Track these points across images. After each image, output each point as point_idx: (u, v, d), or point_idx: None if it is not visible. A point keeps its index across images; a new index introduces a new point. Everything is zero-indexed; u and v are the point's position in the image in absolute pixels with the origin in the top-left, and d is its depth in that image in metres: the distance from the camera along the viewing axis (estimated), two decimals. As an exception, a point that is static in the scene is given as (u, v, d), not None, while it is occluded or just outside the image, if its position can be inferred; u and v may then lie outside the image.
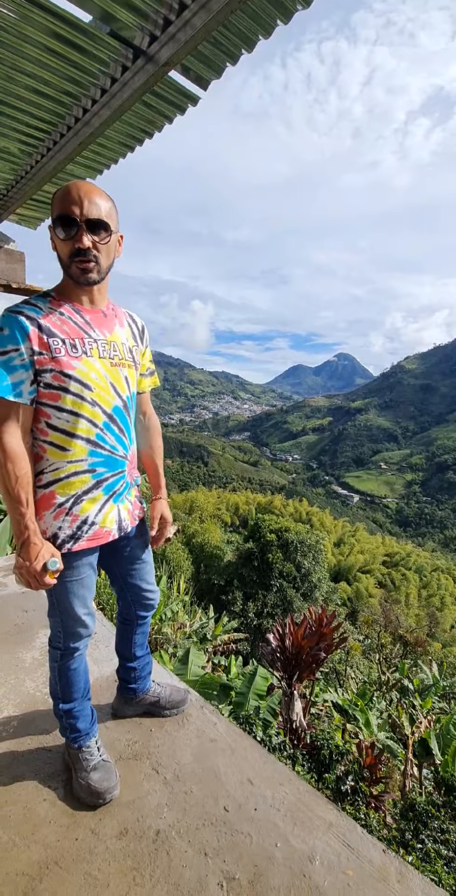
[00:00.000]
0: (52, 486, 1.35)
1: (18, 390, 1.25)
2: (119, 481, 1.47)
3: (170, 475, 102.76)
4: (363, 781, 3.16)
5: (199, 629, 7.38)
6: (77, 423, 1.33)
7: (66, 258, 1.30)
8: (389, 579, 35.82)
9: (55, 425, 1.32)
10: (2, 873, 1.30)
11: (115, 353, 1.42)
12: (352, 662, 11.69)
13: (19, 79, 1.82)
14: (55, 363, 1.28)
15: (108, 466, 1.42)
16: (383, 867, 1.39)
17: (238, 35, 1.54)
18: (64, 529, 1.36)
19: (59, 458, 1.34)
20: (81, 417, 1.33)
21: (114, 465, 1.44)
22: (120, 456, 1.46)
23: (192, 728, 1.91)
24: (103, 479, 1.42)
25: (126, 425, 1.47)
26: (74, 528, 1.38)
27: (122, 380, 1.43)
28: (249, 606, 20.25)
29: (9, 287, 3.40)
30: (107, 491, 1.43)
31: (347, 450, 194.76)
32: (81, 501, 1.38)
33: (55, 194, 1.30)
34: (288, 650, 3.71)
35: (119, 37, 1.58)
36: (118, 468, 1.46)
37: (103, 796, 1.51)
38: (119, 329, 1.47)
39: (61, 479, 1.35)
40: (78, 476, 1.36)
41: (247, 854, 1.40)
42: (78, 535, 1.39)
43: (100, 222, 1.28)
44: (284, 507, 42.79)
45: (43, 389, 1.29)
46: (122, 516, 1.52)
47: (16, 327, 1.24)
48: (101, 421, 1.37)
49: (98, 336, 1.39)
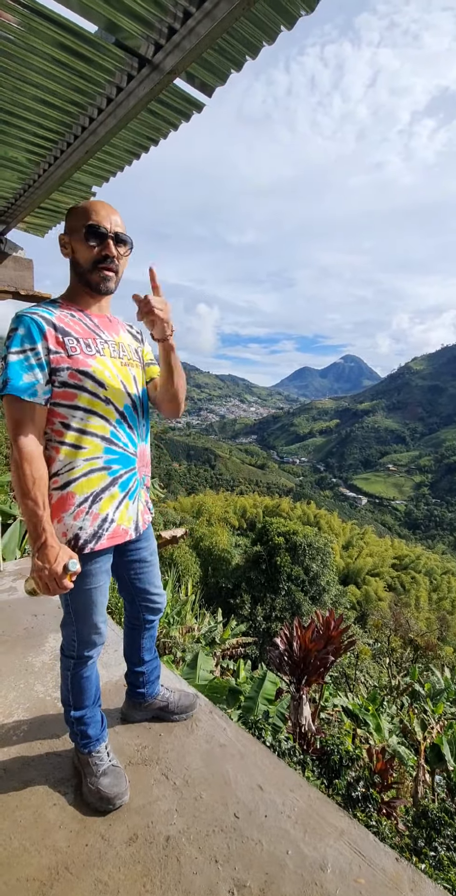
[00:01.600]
0: (70, 486, 1.34)
1: (34, 390, 1.26)
2: (132, 478, 1.49)
3: (177, 478, 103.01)
4: (374, 787, 3.12)
5: (207, 633, 7.36)
6: (92, 420, 1.34)
7: (89, 264, 1.37)
8: (399, 582, 35.46)
9: (70, 424, 1.32)
10: (12, 878, 1.30)
11: (123, 354, 1.47)
12: (362, 666, 11.58)
13: (26, 90, 1.85)
14: (72, 361, 1.30)
15: (123, 463, 1.44)
16: (396, 876, 1.37)
17: (242, 42, 1.55)
18: (85, 529, 1.36)
19: (74, 456, 1.34)
20: (96, 415, 1.35)
21: (127, 462, 1.46)
22: (131, 453, 1.48)
23: (201, 733, 1.90)
24: (119, 476, 1.43)
25: (135, 423, 1.49)
26: (95, 526, 1.38)
27: (132, 379, 1.47)
28: (257, 610, 20.16)
29: (17, 294, 3.44)
30: (122, 488, 1.44)
31: (354, 452, 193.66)
32: (100, 500, 1.38)
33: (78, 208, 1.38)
34: (295, 654, 3.69)
35: (124, 46, 1.60)
36: (131, 465, 1.48)
37: (113, 802, 1.51)
38: (123, 333, 1.54)
39: (78, 477, 1.34)
40: (95, 473, 1.37)
41: (257, 861, 1.39)
42: (99, 534, 1.39)
43: (125, 238, 1.40)
44: (291, 510, 42.62)
45: (58, 389, 1.30)
46: (138, 516, 1.54)
47: (32, 326, 1.26)
48: (114, 418, 1.40)
49: (108, 337, 1.44)
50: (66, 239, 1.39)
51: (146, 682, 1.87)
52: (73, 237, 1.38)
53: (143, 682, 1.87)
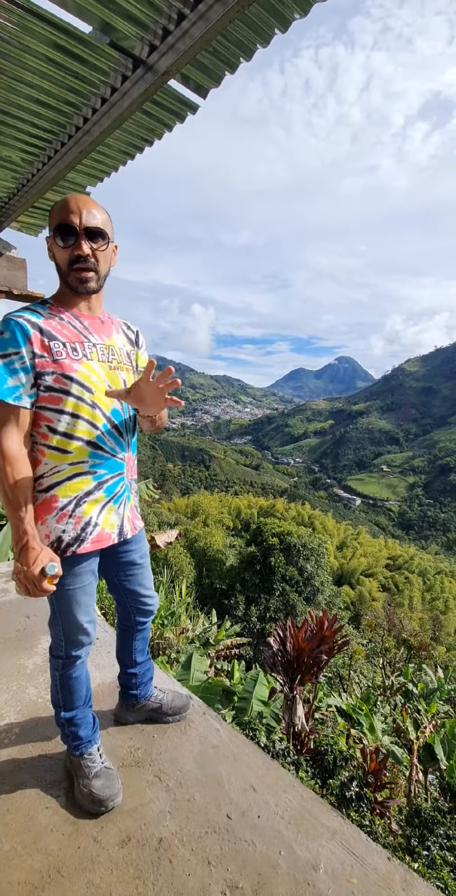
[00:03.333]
0: (54, 489, 1.34)
1: (18, 393, 1.25)
2: (119, 483, 1.48)
3: (171, 479, 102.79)
4: (368, 787, 3.13)
5: (201, 634, 7.35)
6: (77, 424, 1.33)
7: (66, 266, 1.33)
8: (393, 582, 35.64)
9: (55, 428, 1.32)
10: (4, 882, 1.29)
11: (113, 357, 1.44)
12: (355, 666, 11.62)
13: (21, 89, 1.84)
14: (57, 366, 1.29)
15: (109, 468, 1.43)
16: (388, 875, 1.38)
17: (236, 44, 1.55)
18: (68, 532, 1.36)
19: (59, 460, 1.34)
20: (81, 419, 1.34)
21: (114, 467, 1.45)
22: (119, 458, 1.46)
23: (194, 734, 1.90)
24: (104, 481, 1.42)
25: (124, 428, 1.48)
26: (78, 529, 1.38)
27: (121, 383, 1.45)
28: (251, 611, 20.17)
29: (10, 293, 3.42)
30: (108, 493, 1.44)
31: (348, 453, 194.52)
32: (83, 503, 1.38)
33: (53, 207, 1.33)
34: (289, 653, 3.69)
35: (119, 47, 1.60)
36: (118, 470, 1.47)
37: (105, 804, 1.50)
38: (116, 335, 1.51)
39: (62, 481, 1.34)
40: (79, 478, 1.36)
41: (250, 862, 1.39)
42: (82, 538, 1.38)
43: (98, 231, 1.33)
44: (286, 511, 42.69)
45: (43, 393, 1.29)
46: (124, 521, 1.52)
47: (17, 330, 1.25)
48: (101, 423, 1.38)
49: (97, 340, 1.41)
50: (50, 241, 1.37)
51: (139, 684, 1.86)
52: (50, 238, 1.35)
53: (136, 684, 1.86)
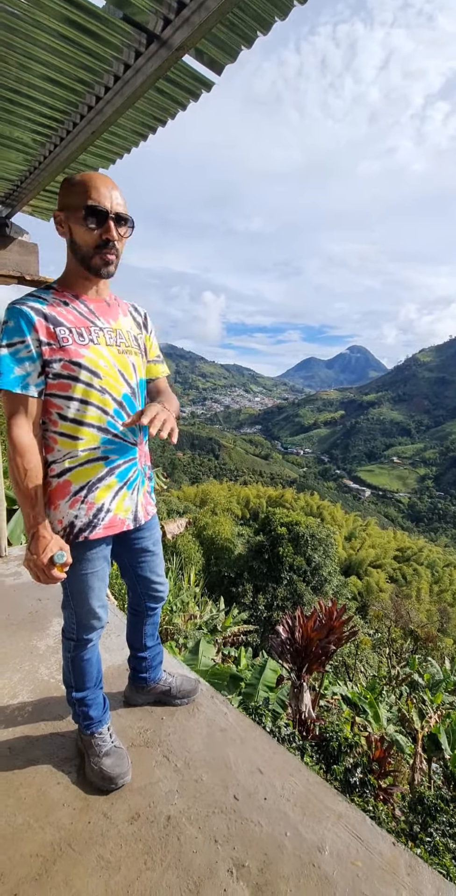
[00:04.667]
0: (66, 474, 1.34)
1: (25, 383, 1.25)
2: (131, 468, 1.47)
3: (181, 468, 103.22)
4: (372, 774, 3.16)
5: (209, 620, 7.44)
6: (87, 410, 1.32)
7: (91, 248, 1.30)
8: (401, 574, 35.55)
9: (65, 415, 1.31)
10: (17, 854, 1.33)
11: (121, 341, 1.42)
12: (361, 656, 11.67)
13: (32, 67, 1.81)
14: (63, 352, 1.28)
15: (120, 454, 1.42)
16: (393, 859, 1.39)
17: (253, 16, 1.50)
18: (80, 518, 1.36)
19: (71, 446, 1.33)
20: (91, 405, 1.33)
21: (125, 451, 1.44)
22: (131, 443, 1.45)
23: (202, 717, 1.92)
24: (116, 467, 1.41)
25: (135, 412, 1.46)
26: (91, 515, 1.38)
27: (130, 367, 1.43)
28: (259, 599, 20.31)
29: (22, 279, 3.42)
30: (120, 478, 1.43)
31: (359, 443, 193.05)
32: (95, 489, 1.37)
33: (74, 182, 1.29)
34: (297, 642, 3.71)
35: (132, 21, 1.56)
36: (130, 455, 1.46)
37: (115, 781, 1.53)
38: (123, 318, 1.48)
39: (75, 466, 1.34)
40: (91, 464, 1.36)
41: (256, 842, 1.41)
42: (95, 523, 1.39)
43: (125, 217, 1.32)
44: (294, 501, 42.65)
45: (51, 380, 1.29)
46: (138, 507, 1.52)
47: (21, 319, 1.24)
48: (111, 408, 1.37)
49: (103, 324, 1.39)
50: (62, 217, 1.31)
51: (149, 668, 1.89)
52: (70, 216, 1.29)
53: (145, 668, 1.88)
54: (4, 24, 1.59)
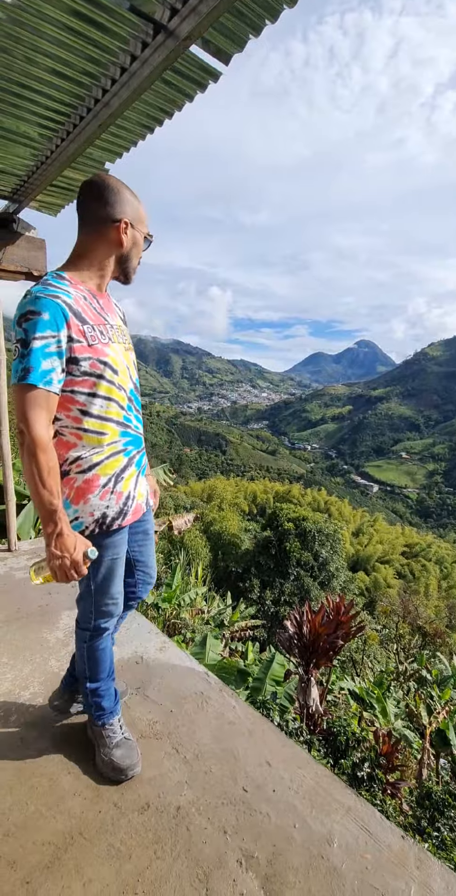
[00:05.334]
0: (95, 468, 1.38)
1: (49, 378, 1.22)
2: (143, 456, 1.57)
3: (188, 463, 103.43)
4: (380, 769, 3.16)
5: (216, 615, 7.46)
6: (110, 407, 1.38)
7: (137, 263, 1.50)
8: (409, 570, 35.38)
9: (90, 411, 1.34)
10: (29, 841, 1.35)
11: (125, 338, 1.50)
12: (369, 652, 11.65)
13: (39, 60, 1.81)
14: (92, 350, 1.31)
15: (135, 444, 1.50)
16: (402, 852, 1.39)
17: (261, 4, 1.48)
18: (112, 507, 1.41)
19: (96, 442, 1.37)
20: (113, 402, 1.38)
21: (138, 442, 1.52)
22: (139, 433, 1.54)
23: (211, 710, 1.93)
24: (133, 456, 1.49)
25: (139, 405, 1.55)
26: (121, 504, 1.43)
27: (133, 364, 1.52)
28: (266, 594, 20.35)
29: (30, 274, 3.43)
30: (137, 466, 1.52)
31: (367, 439, 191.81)
32: (121, 479, 1.44)
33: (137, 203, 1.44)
34: (305, 637, 3.72)
35: (139, 12, 1.55)
36: (141, 445, 1.55)
37: (126, 772, 1.55)
38: (116, 315, 1.55)
39: (102, 461, 1.38)
40: (115, 456, 1.42)
41: (265, 833, 1.42)
42: (125, 511, 1.45)
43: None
44: (302, 496, 42.59)
45: (77, 377, 1.29)
46: (148, 491, 1.62)
47: (57, 313, 1.23)
48: (125, 403, 1.44)
49: (113, 322, 1.45)
50: (128, 226, 1.40)
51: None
52: (136, 231, 1.43)
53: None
54: (11, 16, 1.59)
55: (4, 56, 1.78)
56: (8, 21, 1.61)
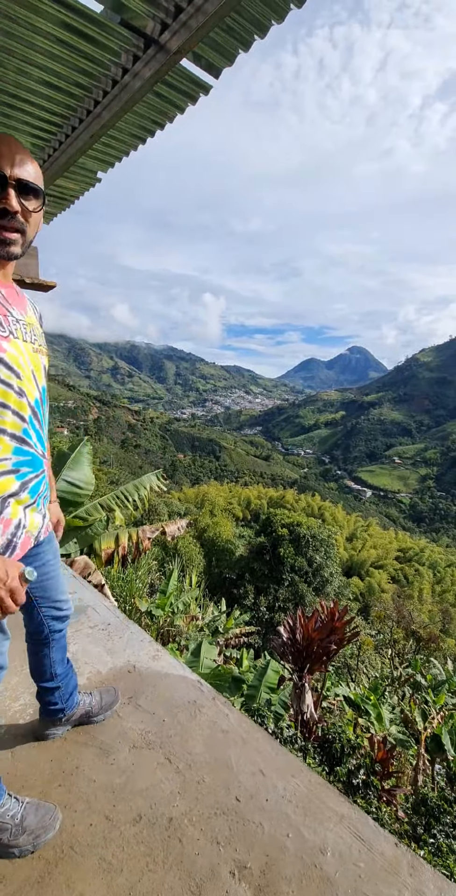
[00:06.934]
0: None
1: None
2: (41, 482, 1.28)
3: (182, 469, 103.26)
4: (375, 775, 3.15)
5: (211, 622, 7.43)
6: (4, 415, 1.11)
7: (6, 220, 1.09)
8: (402, 574, 35.52)
9: None
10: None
11: (34, 338, 1.24)
12: (364, 657, 11.64)
13: (31, 72, 1.83)
14: None
15: (33, 466, 1.23)
16: (395, 860, 1.39)
17: (250, 20, 1.51)
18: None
19: None
20: (8, 409, 1.12)
21: (37, 464, 1.24)
22: (40, 454, 1.26)
23: (204, 719, 1.92)
24: (28, 481, 1.21)
25: (43, 420, 1.28)
26: (8, 534, 1.15)
27: (41, 368, 1.26)
28: (260, 600, 20.30)
29: (22, 282, 3.43)
30: (32, 494, 1.23)
31: (360, 444, 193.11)
32: (8, 504, 1.15)
33: None
34: (298, 642, 3.71)
35: (130, 26, 1.57)
36: (40, 468, 1.26)
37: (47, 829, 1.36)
38: (30, 312, 1.30)
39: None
40: (3, 477, 1.13)
41: (258, 844, 1.41)
42: (14, 543, 1.17)
43: (33, 187, 1.10)
44: (295, 502, 42.66)
45: None
46: (45, 522, 1.34)
47: None
48: (27, 414, 1.18)
49: (19, 316, 1.19)
50: None
51: (65, 696, 1.66)
52: None
53: (60, 698, 1.65)
54: (2, 29, 1.60)
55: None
56: (1, 34, 1.62)
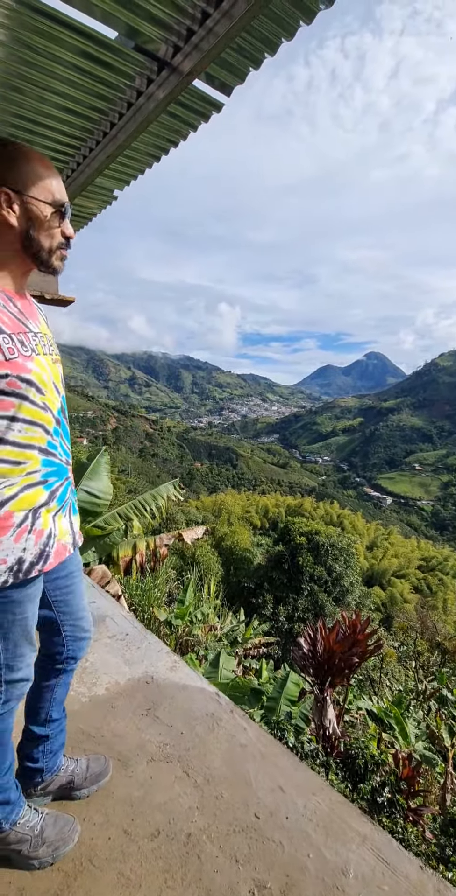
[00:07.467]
0: (6, 504, 1.10)
1: None
2: (67, 489, 1.29)
3: (199, 478, 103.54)
4: (400, 794, 3.05)
5: (229, 632, 7.38)
6: (31, 431, 1.13)
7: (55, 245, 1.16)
8: (426, 584, 34.58)
9: (5, 438, 1.09)
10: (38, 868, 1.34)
11: (52, 348, 1.25)
12: (387, 669, 11.35)
13: (51, 98, 1.90)
14: (11, 366, 1.06)
15: (58, 475, 1.24)
16: (421, 884, 1.34)
17: (261, 39, 1.54)
18: (29, 550, 1.14)
19: (10, 473, 1.11)
20: (36, 426, 1.14)
21: (62, 472, 1.26)
22: (65, 462, 1.27)
23: (222, 732, 1.90)
24: (55, 490, 1.22)
25: (66, 429, 1.29)
26: (41, 545, 1.17)
27: (60, 378, 1.27)
28: (279, 610, 20.06)
29: (42, 298, 3.54)
30: (59, 502, 1.24)
31: (379, 451, 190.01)
32: (39, 515, 1.17)
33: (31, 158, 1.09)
34: (319, 655, 3.64)
35: (144, 50, 1.62)
36: (65, 475, 1.28)
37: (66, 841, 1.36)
38: (41, 319, 1.27)
39: (15, 494, 1.12)
40: (32, 489, 1.15)
41: (278, 863, 1.38)
42: (47, 553, 1.19)
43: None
44: (314, 510, 42.19)
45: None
46: (74, 529, 1.34)
47: None
48: (52, 427, 1.20)
49: (35, 328, 1.19)
50: (12, 197, 1.07)
51: (48, 752, 1.47)
52: (31, 200, 1.09)
53: (43, 753, 1.46)
54: (24, 59, 1.68)
55: (18, 96, 1.88)
56: (21, 63, 1.70)
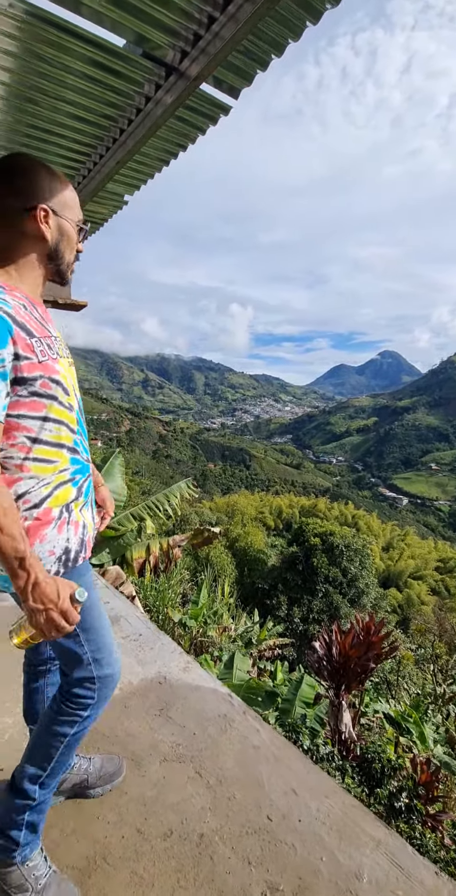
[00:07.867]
0: (45, 502, 1.15)
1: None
2: (90, 486, 1.33)
3: (212, 479, 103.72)
4: (418, 799, 3.00)
5: (244, 633, 7.37)
6: (61, 430, 1.18)
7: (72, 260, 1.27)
8: (443, 586, 33.98)
9: (39, 437, 1.13)
10: (54, 864, 1.36)
11: (68, 352, 1.30)
12: (404, 672, 11.18)
13: (62, 107, 1.94)
14: (44, 368, 1.11)
15: (82, 472, 1.29)
16: (436, 889, 1.32)
17: (268, 41, 1.54)
18: (72, 540, 1.20)
19: (45, 471, 1.16)
20: (64, 425, 1.19)
21: (85, 469, 1.30)
22: (86, 460, 1.32)
23: (235, 734, 1.90)
24: (81, 486, 1.27)
25: (84, 428, 1.33)
26: (80, 534, 1.23)
27: (76, 379, 1.33)
28: (294, 611, 19.95)
29: (55, 303, 3.60)
30: (85, 496, 1.29)
31: (394, 451, 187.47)
32: (72, 510, 1.22)
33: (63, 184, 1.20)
34: (335, 659, 3.61)
35: (152, 57, 1.64)
36: (87, 472, 1.32)
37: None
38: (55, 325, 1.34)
39: (51, 492, 1.17)
40: (63, 486, 1.20)
41: (291, 866, 1.37)
42: (85, 541, 1.25)
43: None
44: (328, 511, 41.87)
45: (24, 400, 1.10)
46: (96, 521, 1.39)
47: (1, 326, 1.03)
48: (75, 426, 1.25)
49: (55, 333, 1.24)
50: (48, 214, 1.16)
51: None
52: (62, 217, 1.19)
53: None
54: (37, 70, 1.71)
55: (33, 107, 1.92)
56: (34, 75, 1.74)
